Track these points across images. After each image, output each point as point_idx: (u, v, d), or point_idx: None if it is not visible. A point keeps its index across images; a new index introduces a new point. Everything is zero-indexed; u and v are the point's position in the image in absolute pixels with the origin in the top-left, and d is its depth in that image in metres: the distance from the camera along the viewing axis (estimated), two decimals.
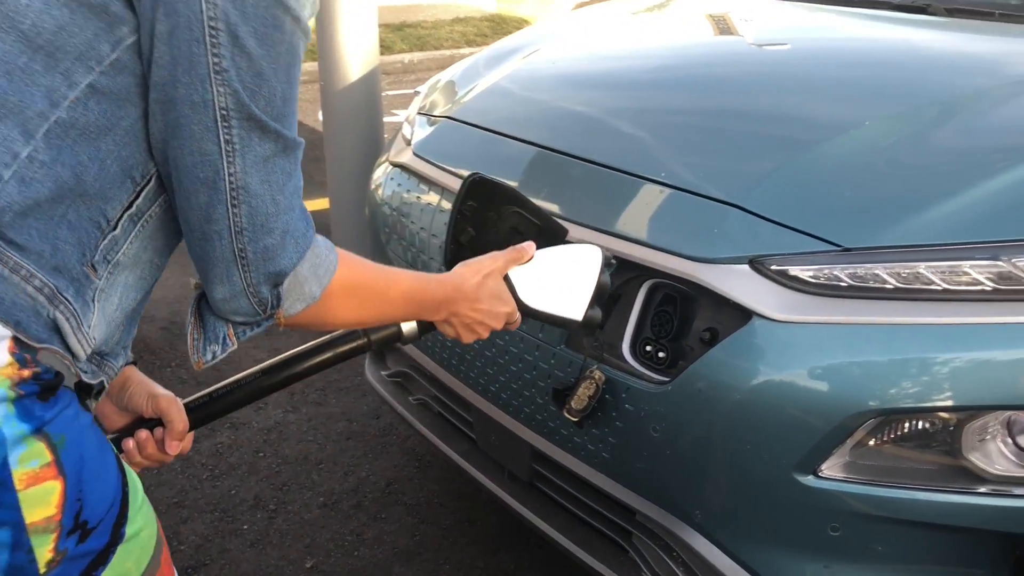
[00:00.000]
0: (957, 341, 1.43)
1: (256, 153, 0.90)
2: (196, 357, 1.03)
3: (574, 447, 1.83)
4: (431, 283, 1.25)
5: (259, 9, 0.87)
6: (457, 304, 1.26)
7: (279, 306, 0.99)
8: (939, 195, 1.53)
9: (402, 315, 1.25)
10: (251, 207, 0.91)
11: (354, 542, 2.46)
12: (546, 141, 1.96)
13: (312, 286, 1.00)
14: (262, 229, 0.93)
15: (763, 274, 1.52)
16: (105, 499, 0.89)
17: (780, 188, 1.63)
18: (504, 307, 1.33)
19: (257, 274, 0.95)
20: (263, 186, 0.92)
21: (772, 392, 1.48)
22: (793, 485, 1.49)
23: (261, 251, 0.94)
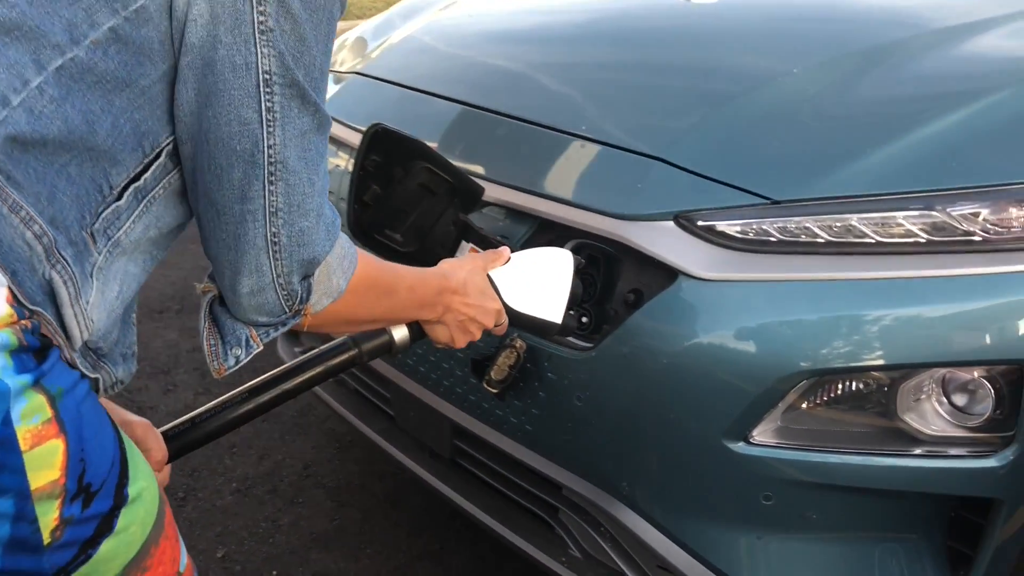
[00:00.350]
0: (891, 296, 1.35)
1: (296, 126, 0.86)
2: (217, 364, 0.96)
3: (496, 420, 1.72)
4: (426, 274, 1.21)
5: None
6: (449, 297, 1.22)
7: (308, 300, 0.94)
8: (869, 144, 1.45)
9: (407, 313, 1.20)
10: (288, 185, 0.86)
11: (269, 528, 2.33)
12: (462, 96, 1.83)
13: (339, 278, 0.96)
14: (298, 210, 0.88)
15: (689, 231, 1.43)
16: (106, 458, 0.80)
17: (705, 140, 1.53)
18: (493, 303, 1.29)
19: (290, 261, 0.89)
20: (301, 162, 0.86)
21: (699, 355, 1.39)
22: (723, 453, 1.41)
23: (296, 235, 0.89)
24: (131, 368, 0.93)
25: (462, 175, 1.54)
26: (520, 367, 1.58)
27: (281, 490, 2.47)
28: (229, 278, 0.91)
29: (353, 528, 2.33)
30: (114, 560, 0.80)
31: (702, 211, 1.43)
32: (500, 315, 1.34)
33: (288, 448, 2.66)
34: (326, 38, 0.88)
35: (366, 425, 2.11)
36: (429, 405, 1.87)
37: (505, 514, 1.80)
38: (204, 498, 2.44)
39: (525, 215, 1.63)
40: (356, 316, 1.09)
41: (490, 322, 1.31)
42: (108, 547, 0.79)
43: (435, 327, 1.28)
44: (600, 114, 1.67)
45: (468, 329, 1.28)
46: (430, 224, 1.54)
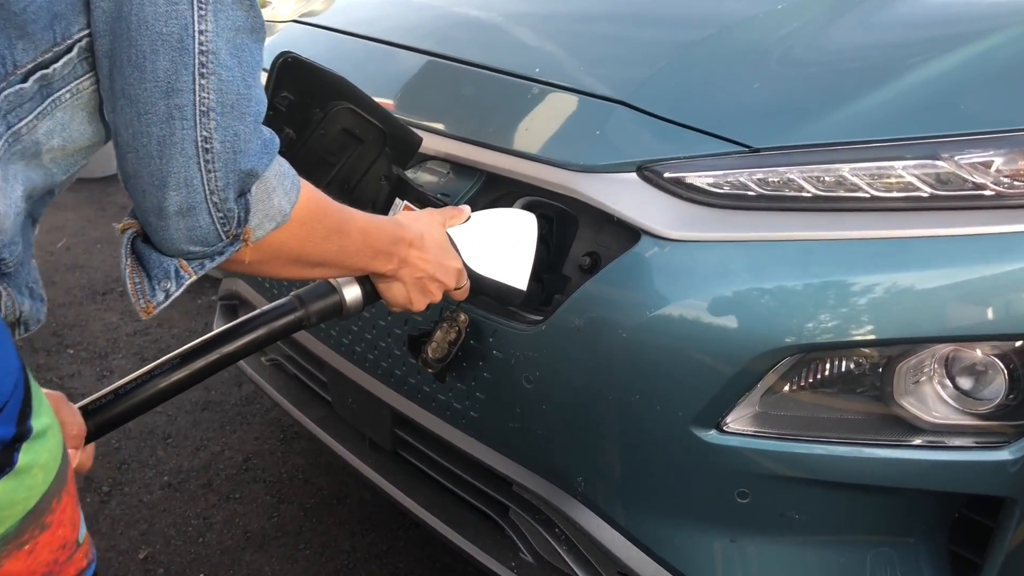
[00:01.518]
0: (887, 260, 1.15)
1: (229, 17, 0.77)
2: (143, 303, 0.85)
3: (438, 407, 1.52)
4: (379, 220, 1.08)
5: None
6: (406, 249, 1.10)
7: (247, 222, 0.83)
8: (864, 85, 1.25)
9: (359, 260, 1.05)
10: (221, 80, 0.76)
11: (200, 527, 2.11)
12: (402, 39, 1.63)
13: (281, 199, 0.86)
14: (232, 111, 0.77)
15: (654, 183, 1.23)
16: (8, 375, 0.72)
17: (674, 82, 1.33)
18: (453, 261, 1.17)
19: (224, 172, 0.79)
20: (234, 60, 0.77)
21: (664, 329, 1.19)
22: (691, 443, 1.21)
23: (231, 140, 0.78)
24: (39, 312, 0.84)
25: (395, 121, 1.34)
26: (462, 344, 1.37)
27: (216, 485, 2.26)
28: (153, 197, 0.79)
29: (292, 526, 2.12)
30: (12, 506, 0.72)
31: (669, 161, 1.23)
32: (461, 275, 1.19)
33: (228, 439, 2.44)
34: None
35: (302, 413, 1.90)
36: (367, 390, 1.66)
37: (450, 513, 1.60)
38: (131, 493, 2.22)
39: (470, 169, 1.43)
40: (304, 253, 0.95)
41: (451, 281, 1.17)
42: (6, 488, 0.71)
43: (391, 285, 1.13)
44: (555, 57, 1.47)
45: (427, 288, 1.15)
46: (357, 177, 1.33)
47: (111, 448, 2.38)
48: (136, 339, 2.95)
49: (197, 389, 2.65)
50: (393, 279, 1.11)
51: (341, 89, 1.26)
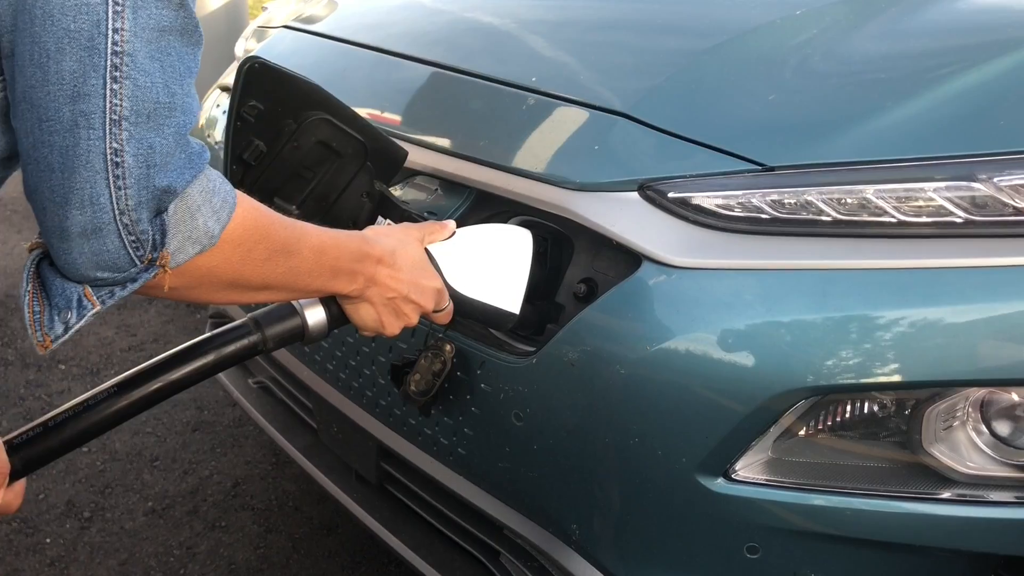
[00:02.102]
0: (917, 292, 1.03)
1: (152, 16, 0.68)
2: (40, 335, 0.75)
3: (424, 441, 1.41)
4: (341, 236, 0.97)
5: None
6: (374, 267, 1.00)
7: (164, 245, 0.73)
8: (890, 98, 1.13)
9: (315, 281, 0.94)
10: (138, 86, 0.67)
11: (182, 557, 2.01)
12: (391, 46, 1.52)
13: (208, 219, 0.76)
14: (149, 122, 0.69)
15: (657, 204, 1.11)
16: None
17: (681, 93, 1.22)
18: (430, 281, 1.07)
19: (137, 190, 0.69)
20: (155, 64, 0.69)
21: (667, 365, 1.07)
22: (696, 492, 1.09)
23: (145, 153, 0.69)
24: None
25: (377, 134, 1.23)
26: (448, 376, 1.26)
27: (203, 511, 2.15)
28: (54, 216, 0.70)
29: (279, 559, 2.01)
30: None
31: (674, 180, 1.11)
32: (442, 296, 1.09)
33: (218, 462, 2.34)
34: None
35: (288, 441, 1.79)
36: (352, 420, 1.55)
37: (438, 555, 1.49)
38: (113, 519, 2.12)
39: (459, 186, 1.32)
40: (242, 277, 0.84)
41: (428, 303, 1.07)
42: None
43: (358, 306, 1.03)
44: (554, 65, 1.36)
45: (400, 310, 1.05)
46: (335, 194, 1.23)
47: (96, 471, 2.29)
48: (130, 355, 2.86)
49: (189, 408, 2.56)
50: (360, 300, 1.01)
51: (316, 98, 1.16)
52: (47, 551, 2.01)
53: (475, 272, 1.15)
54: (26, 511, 2.13)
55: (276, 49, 1.75)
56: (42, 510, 2.14)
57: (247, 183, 1.16)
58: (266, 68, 1.09)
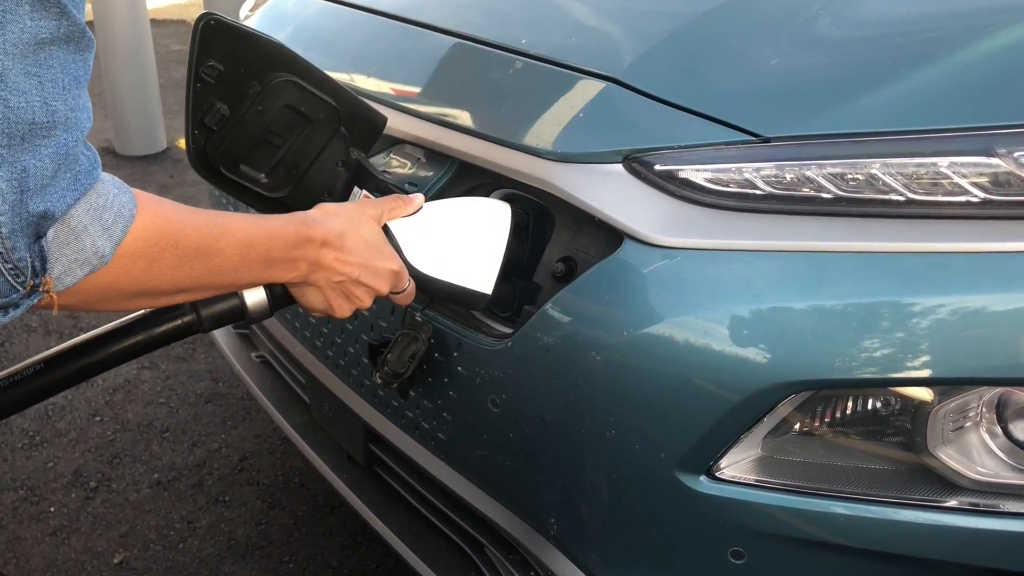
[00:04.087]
0: (926, 279, 0.93)
1: (24, 29, 0.62)
2: None
3: (407, 424, 1.34)
4: (275, 224, 0.89)
5: None
6: (318, 251, 0.93)
7: (46, 271, 0.68)
8: (901, 63, 1.02)
9: (245, 275, 0.88)
10: (9, 107, 0.62)
11: (182, 531, 1.98)
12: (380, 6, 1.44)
13: (97, 238, 0.69)
14: (22, 143, 0.63)
15: (642, 177, 1.02)
16: None
17: (675, 56, 1.12)
18: (385, 262, 0.99)
19: (10, 217, 0.63)
20: (30, 80, 0.63)
21: (647, 352, 0.98)
22: (676, 490, 1.01)
23: (19, 177, 0.63)
24: None
25: (351, 98, 1.16)
26: (422, 357, 1.19)
27: (207, 485, 2.13)
28: None
29: (279, 536, 1.97)
30: None
31: (661, 151, 1.02)
32: (399, 278, 1.02)
33: (228, 435, 2.31)
34: None
35: (283, 417, 1.74)
36: (341, 399, 1.50)
37: (423, 543, 1.42)
38: (118, 490, 2.10)
39: (442, 156, 1.24)
40: (149, 287, 0.77)
41: (383, 286, 0.99)
42: None
43: (303, 290, 0.96)
44: (546, 28, 1.27)
45: (351, 293, 0.98)
46: (307, 162, 1.16)
47: (106, 440, 2.28)
48: None
49: (204, 379, 2.54)
50: (305, 284, 0.94)
51: (281, 59, 1.09)
52: (50, 520, 2.00)
53: (440, 250, 1.08)
54: (34, 479, 2.12)
55: (275, 11, 1.68)
56: (49, 479, 2.13)
57: (210, 149, 1.10)
58: (223, 25, 1.02)
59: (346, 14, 1.48)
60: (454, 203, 1.11)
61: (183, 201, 0.81)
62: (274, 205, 1.17)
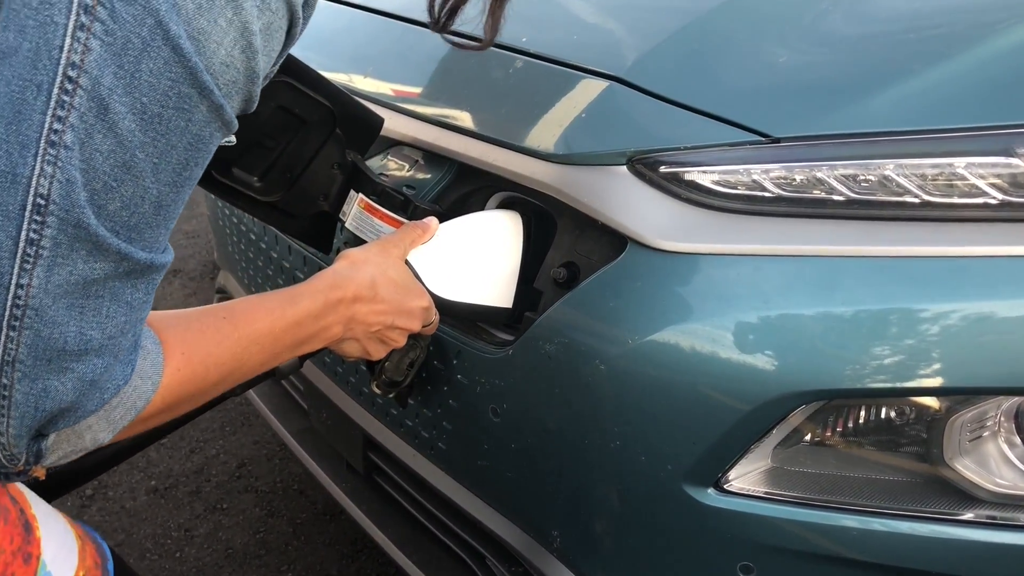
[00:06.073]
0: (943, 284, 0.90)
1: (75, 273, 0.60)
2: None
3: (407, 432, 1.31)
4: (300, 299, 0.87)
5: (158, 79, 0.59)
6: (350, 308, 0.91)
7: (39, 463, 0.66)
8: (916, 60, 0.99)
9: (281, 355, 0.86)
10: (39, 336, 0.60)
11: (179, 539, 1.95)
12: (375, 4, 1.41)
13: (100, 432, 0.67)
14: (48, 366, 0.61)
15: (646, 179, 0.99)
16: None
17: (680, 54, 1.08)
18: (417, 300, 0.99)
19: (20, 424, 0.62)
20: (70, 313, 0.61)
21: (652, 361, 0.95)
22: (683, 503, 0.98)
23: (38, 394, 0.62)
24: None
25: (347, 99, 1.12)
26: (421, 365, 1.16)
27: (205, 493, 2.09)
28: None
29: (278, 544, 1.94)
30: None
31: (666, 152, 0.99)
32: (429, 313, 1.01)
33: (226, 441, 2.28)
34: (180, 167, 0.62)
35: (280, 424, 1.71)
36: (339, 407, 1.46)
37: (423, 553, 1.39)
38: (114, 498, 2.07)
39: (440, 158, 1.21)
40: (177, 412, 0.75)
41: (417, 324, 1.00)
42: None
43: (340, 345, 0.95)
44: (546, 25, 1.23)
45: (386, 337, 0.98)
46: (301, 165, 1.13)
47: None
48: None
49: None
50: (341, 340, 0.92)
51: None
52: None
53: (458, 273, 1.06)
54: None
55: None
56: None
57: None
58: None
59: (342, 12, 1.44)
60: (466, 221, 1.09)
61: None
62: (268, 209, 1.14)
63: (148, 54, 0.57)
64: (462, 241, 1.08)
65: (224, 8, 0.60)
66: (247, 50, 0.63)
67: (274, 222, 1.17)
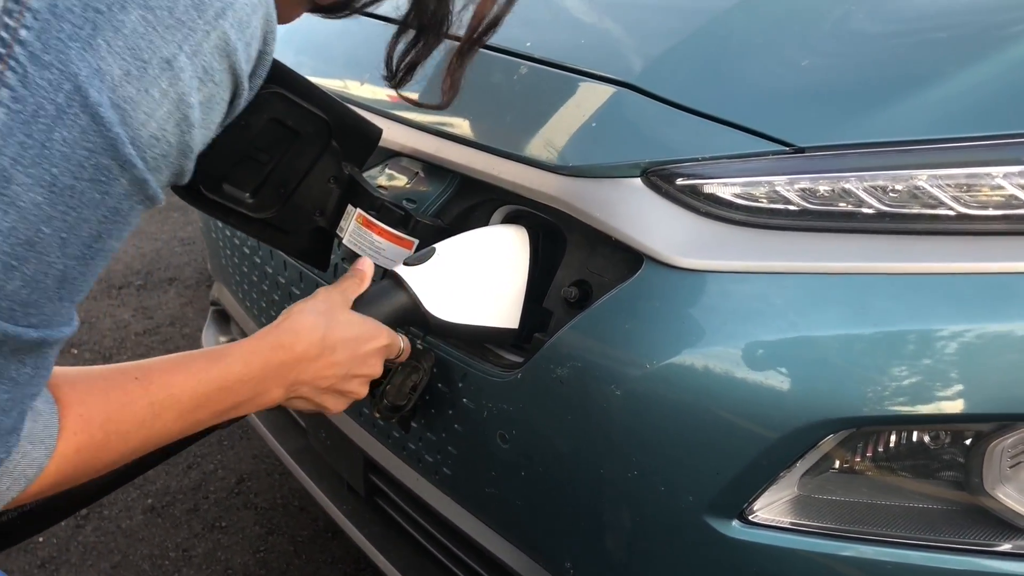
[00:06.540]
0: (981, 303, 0.84)
1: None
2: None
3: (409, 456, 1.25)
4: (230, 361, 0.78)
5: (73, 149, 0.53)
6: (294, 372, 0.84)
7: None
8: (949, 63, 0.93)
9: (208, 421, 0.78)
10: None
11: (177, 560, 1.89)
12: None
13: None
14: None
15: (662, 192, 0.93)
16: None
17: (696, 58, 1.02)
18: (373, 343, 0.92)
19: None
20: None
21: (671, 386, 0.89)
22: (706, 535, 0.92)
23: None
24: None
25: (343, 110, 1.07)
26: (425, 389, 1.10)
27: (203, 510, 2.04)
28: None
29: (279, 564, 1.88)
30: None
31: (683, 163, 0.93)
32: (392, 348, 0.95)
33: (224, 456, 2.22)
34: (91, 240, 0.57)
35: (278, 442, 1.66)
36: (338, 427, 1.41)
37: None
38: (110, 517, 2.02)
39: (442, 170, 1.15)
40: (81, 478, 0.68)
41: (377, 369, 0.94)
42: None
43: (289, 403, 0.88)
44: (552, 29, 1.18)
45: (343, 390, 0.91)
46: (296, 179, 1.07)
47: None
48: (145, 339, 2.76)
49: None
50: (285, 401, 0.86)
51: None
52: (39, 551, 1.91)
53: (461, 293, 1.01)
54: None
55: None
56: None
57: None
58: None
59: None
60: (468, 238, 1.03)
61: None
62: (261, 226, 1.08)
63: (62, 122, 0.52)
64: (464, 258, 1.02)
65: (158, 77, 0.54)
66: (182, 123, 0.58)
67: (268, 239, 1.11)
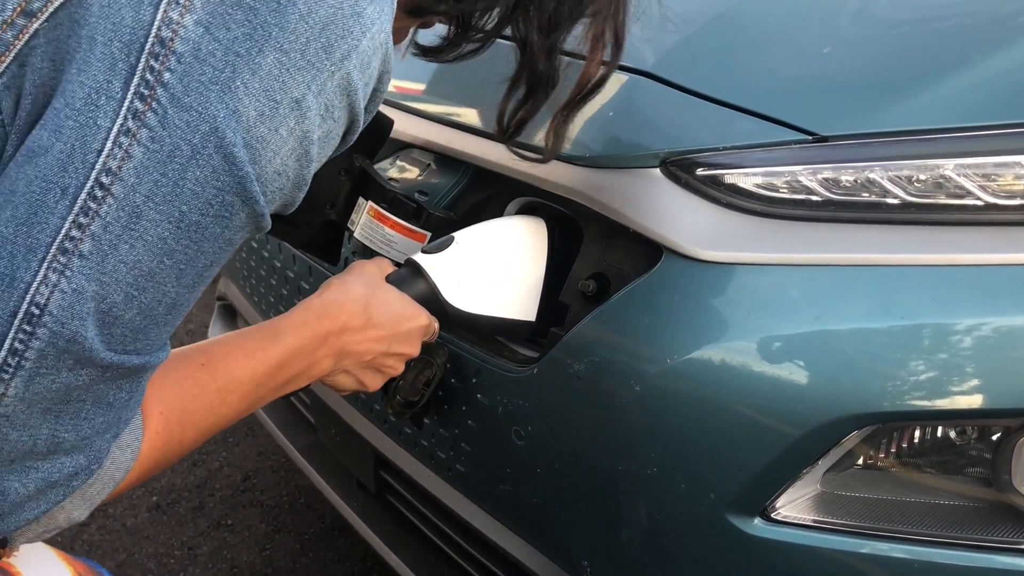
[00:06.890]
0: (1010, 295, 0.82)
1: (58, 382, 0.55)
2: None
3: (421, 452, 1.23)
4: (284, 336, 0.79)
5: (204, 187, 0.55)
6: (339, 342, 0.84)
7: (4, 547, 0.65)
8: (977, 47, 0.91)
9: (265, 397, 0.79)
10: (5, 439, 0.56)
11: (182, 558, 1.88)
12: None
13: (75, 511, 0.63)
14: (11, 464, 0.57)
15: (683, 183, 0.91)
16: None
17: (715, 46, 1.00)
18: (414, 320, 0.91)
19: None
20: (44, 418, 0.56)
21: (692, 382, 0.87)
22: (727, 534, 0.90)
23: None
24: None
25: None
26: (438, 385, 1.08)
27: (209, 508, 2.02)
28: None
29: (285, 562, 1.86)
30: None
31: (704, 153, 0.91)
32: (428, 330, 0.94)
33: (230, 452, 2.20)
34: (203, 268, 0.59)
35: (286, 438, 1.64)
36: (348, 424, 1.39)
37: None
38: (115, 515, 2.00)
39: (455, 161, 1.13)
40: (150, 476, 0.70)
41: (415, 347, 0.93)
42: None
43: (332, 378, 0.88)
44: None
45: (382, 365, 0.91)
46: None
47: None
48: None
49: None
50: (331, 374, 0.86)
51: None
52: None
53: (479, 283, 0.99)
54: None
55: None
56: None
57: None
58: None
59: None
60: (487, 228, 1.01)
61: None
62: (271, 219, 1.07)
63: (196, 162, 0.53)
64: (484, 248, 1.01)
65: (287, 117, 0.56)
66: (302, 159, 0.60)
67: (277, 233, 1.09)
